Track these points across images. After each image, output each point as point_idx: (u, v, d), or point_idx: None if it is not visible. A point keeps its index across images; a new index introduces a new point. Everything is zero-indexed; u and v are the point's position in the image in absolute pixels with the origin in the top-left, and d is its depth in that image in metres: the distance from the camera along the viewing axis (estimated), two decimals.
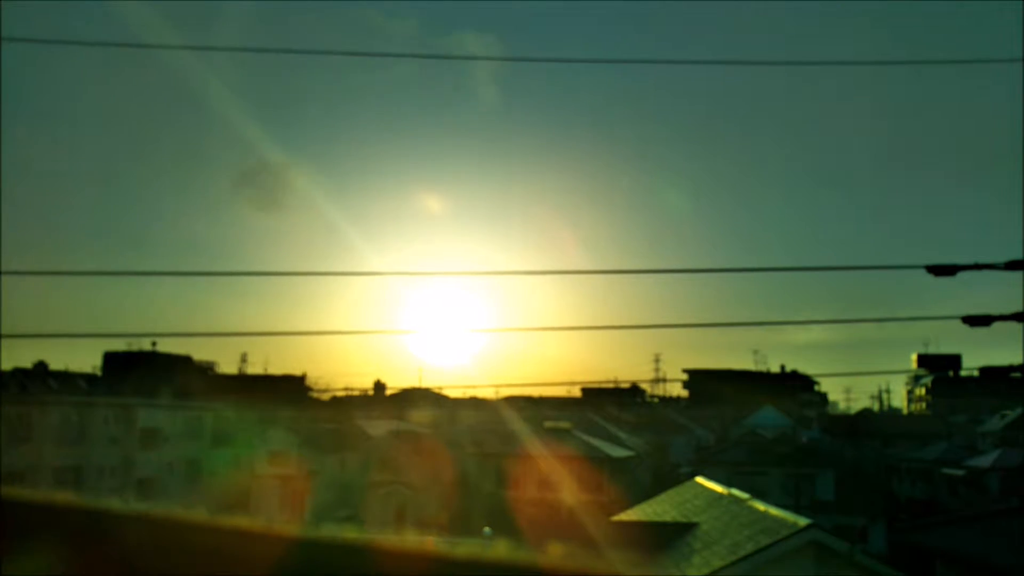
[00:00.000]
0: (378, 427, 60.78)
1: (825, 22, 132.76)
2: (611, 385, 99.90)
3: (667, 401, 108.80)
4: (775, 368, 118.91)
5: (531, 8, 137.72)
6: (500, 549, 1.71)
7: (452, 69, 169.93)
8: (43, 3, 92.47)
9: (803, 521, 15.15)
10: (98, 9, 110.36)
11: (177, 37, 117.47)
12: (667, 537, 17.30)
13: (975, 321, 10.70)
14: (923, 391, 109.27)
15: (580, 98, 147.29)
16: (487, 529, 26.88)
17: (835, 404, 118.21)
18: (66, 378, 74.79)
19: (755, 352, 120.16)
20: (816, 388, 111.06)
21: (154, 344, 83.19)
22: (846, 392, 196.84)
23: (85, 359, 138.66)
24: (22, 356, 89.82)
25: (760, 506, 17.22)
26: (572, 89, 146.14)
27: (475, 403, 78.03)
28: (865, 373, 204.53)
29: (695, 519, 18.24)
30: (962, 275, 10.48)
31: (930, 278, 10.59)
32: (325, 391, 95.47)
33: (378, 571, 1.66)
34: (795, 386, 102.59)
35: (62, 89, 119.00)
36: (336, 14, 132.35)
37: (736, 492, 19.48)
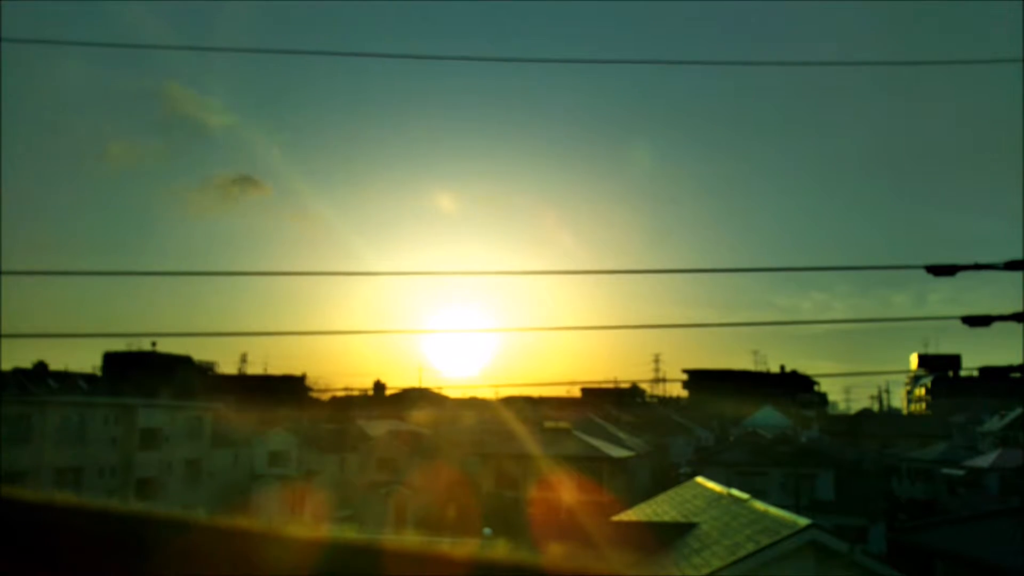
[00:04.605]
0: (378, 427, 60.74)
1: (825, 22, 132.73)
2: (611, 385, 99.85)
3: (667, 401, 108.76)
4: (775, 368, 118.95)
5: (532, 8, 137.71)
6: (500, 549, 1.72)
7: (452, 69, 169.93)
8: (43, 3, 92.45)
9: (803, 521, 15.13)
10: (98, 9, 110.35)
11: (177, 37, 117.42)
12: (667, 537, 17.27)
13: (975, 321, 10.68)
14: (923, 391, 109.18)
15: (580, 98, 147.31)
16: (487, 529, 26.87)
17: (835, 404, 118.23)
18: (66, 378, 74.77)
19: (755, 352, 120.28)
20: (816, 388, 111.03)
21: (154, 344, 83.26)
22: (846, 392, 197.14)
23: (85, 359, 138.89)
24: (22, 356, 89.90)
25: (760, 506, 17.20)
26: (572, 89, 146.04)
27: (475, 403, 78.01)
28: (865, 373, 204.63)
29: (695, 519, 18.21)
30: (962, 275, 10.46)
31: (930, 278, 10.58)
32: (325, 391, 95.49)
33: (378, 571, 1.66)
34: (795, 386, 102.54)
35: (62, 89, 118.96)
36: (335, 14, 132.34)
37: (736, 492, 19.46)
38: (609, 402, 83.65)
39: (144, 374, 74.15)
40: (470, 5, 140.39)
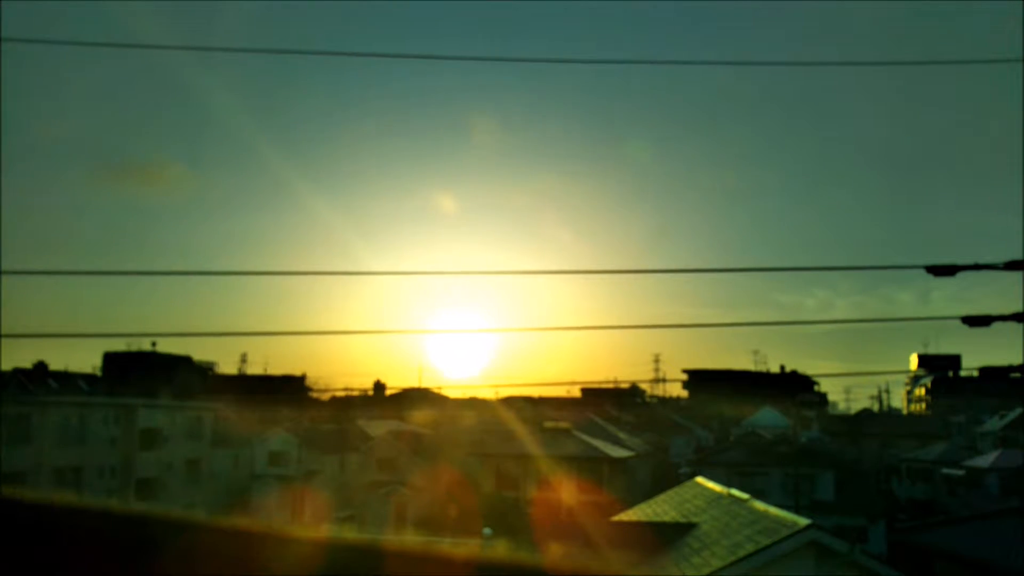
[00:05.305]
0: (378, 427, 60.77)
1: (825, 22, 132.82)
2: (611, 385, 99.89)
3: (666, 401, 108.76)
4: (775, 368, 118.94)
5: (532, 8, 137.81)
6: (500, 549, 1.72)
7: (453, 69, 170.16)
8: (43, 3, 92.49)
9: (803, 521, 15.15)
10: (98, 9, 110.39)
11: (177, 37, 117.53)
12: (667, 537, 17.28)
13: (975, 321, 10.69)
14: (923, 391, 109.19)
15: (581, 98, 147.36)
16: (487, 529, 26.86)
17: (835, 404, 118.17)
18: (66, 378, 74.78)
19: (755, 352, 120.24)
20: (816, 388, 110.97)
21: (154, 344, 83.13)
22: (846, 392, 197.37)
23: (85, 359, 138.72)
24: (22, 356, 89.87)
25: (760, 506, 17.21)
26: (572, 89, 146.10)
27: (475, 403, 78.00)
28: (865, 373, 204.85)
29: (695, 519, 18.22)
30: (962, 275, 10.48)
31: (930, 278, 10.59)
32: (325, 391, 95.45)
33: (379, 572, 1.66)
34: (795, 386, 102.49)
35: (62, 89, 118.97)
36: (335, 14, 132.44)
37: (736, 492, 19.47)
38: (609, 402, 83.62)
39: (144, 374, 74.16)
40: (470, 5, 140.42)
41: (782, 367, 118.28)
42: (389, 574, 1.66)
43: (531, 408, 68.91)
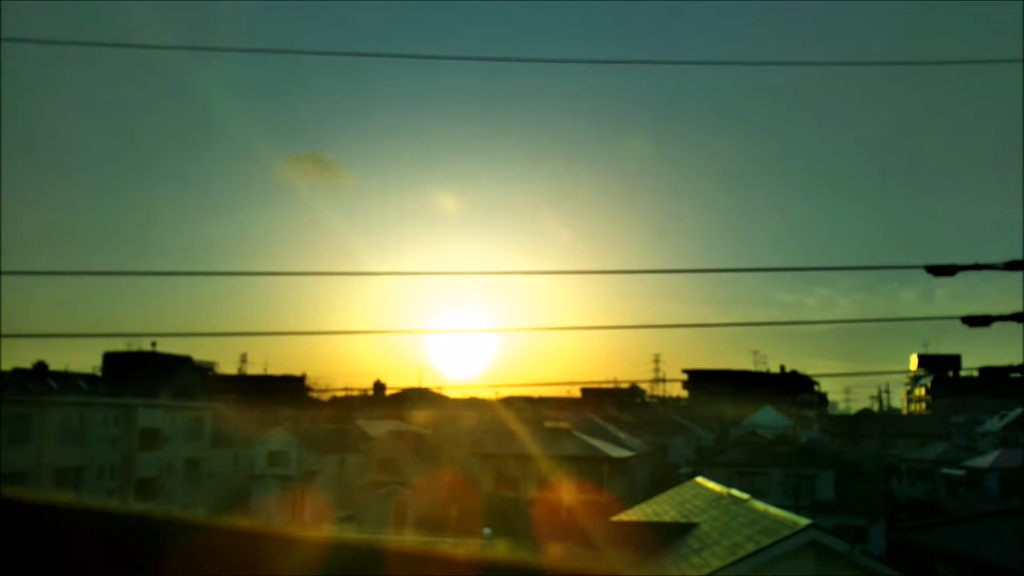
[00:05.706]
0: (378, 427, 60.78)
1: (825, 22, 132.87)
2: (611, 385, 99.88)
3: (666, 401, 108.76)
4: (775, 368, 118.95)
5: (532, 8, 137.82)
6: (500, 549, 1.72)
7: (454, 69, 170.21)
8: (43, 3, 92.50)
9: (803, 521, 15.15)
10: (98, 9, 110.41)
11: (176, 37, 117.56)
12: (667, 537, 17.29)
13: (975, 321, 10.69)
14: (923, 391, 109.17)
15: (581, 98, 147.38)
16: (487, 529, 26.86)
17: (835, 404, 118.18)
18: (66, 378, 74.67)
19: (755, 352, 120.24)
20: (816, 388, 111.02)
21: (154, 344, 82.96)
22: (846, 392, 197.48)
23: (85, 359, 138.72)
24: (22, 356, 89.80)
25: (760, 506, 17.22)
26: (572, 89, 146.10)
27: (475, 403, 78.02)
28: (865, 373, 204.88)
29: (695, 519, 18.23)
30: (964, 274, 10.47)
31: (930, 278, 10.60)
32: (325, 391, 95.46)
33: (379, 572, 1.66)
34: (795, 386, 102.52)
35: (62, 89, 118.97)
36: (335, 14, 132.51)
37: (736, 492, 19.47)
38: (609, 402, 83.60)
39: (144, 374, 74.06)
40: (471, 5, 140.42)
41: (782, 367, 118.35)
42: (389, 574, 1.66)
43: (531, 408, 68.93)
